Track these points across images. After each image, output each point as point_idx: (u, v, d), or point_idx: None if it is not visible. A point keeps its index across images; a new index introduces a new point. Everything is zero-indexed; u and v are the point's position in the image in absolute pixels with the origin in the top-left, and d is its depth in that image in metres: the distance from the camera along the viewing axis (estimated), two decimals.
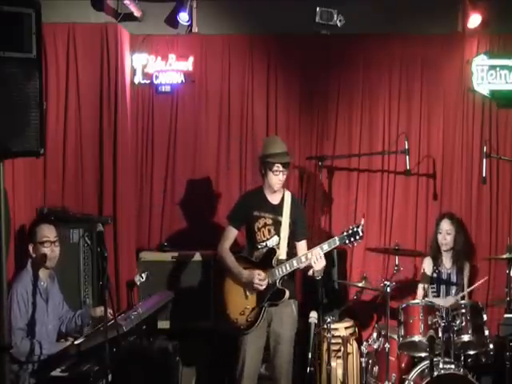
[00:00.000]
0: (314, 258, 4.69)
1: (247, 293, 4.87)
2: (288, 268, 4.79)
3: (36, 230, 4.57)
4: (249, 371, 4.87)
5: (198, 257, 5.84)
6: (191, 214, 6.24)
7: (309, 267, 4.81)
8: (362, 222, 4.73)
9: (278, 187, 4.92)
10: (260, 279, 4.78)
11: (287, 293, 4.82)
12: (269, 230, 4.92)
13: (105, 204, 5.92)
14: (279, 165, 4.84)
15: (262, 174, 4.95)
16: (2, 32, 3.23)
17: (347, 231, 4.72)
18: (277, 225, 4.91)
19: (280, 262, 4.83)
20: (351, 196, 6.28)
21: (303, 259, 4.77)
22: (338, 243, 4.74)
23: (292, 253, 4.92)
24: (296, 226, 4.95)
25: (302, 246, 4.96)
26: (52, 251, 4.57)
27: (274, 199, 4.97)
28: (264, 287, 4.80)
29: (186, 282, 5.80)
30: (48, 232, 4.58)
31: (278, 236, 4.90)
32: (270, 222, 4.91)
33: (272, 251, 4.86)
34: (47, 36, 5.72)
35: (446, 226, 5.74)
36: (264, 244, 4.92)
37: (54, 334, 4.64)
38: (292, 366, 5.01)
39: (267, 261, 4.85)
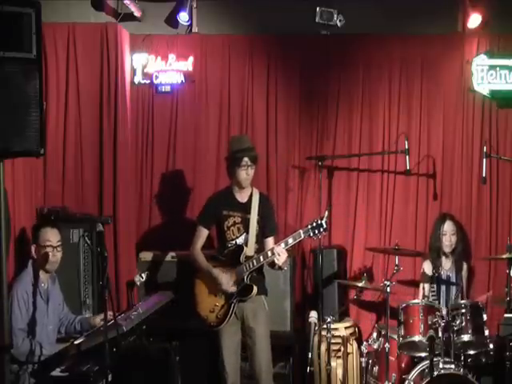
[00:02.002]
0: (276, 254, 4.75)
1: (216, 290, 4.94)
2: (255, 263, 4.85)
3: (40, 233, 4.56)
4: (230, 363, 4.96)
5: None
6: (191, 214, 6.24)
7: (274, 263, 4.85)
8: (326, 214, 4.80)
9: (246, 183, 4.98)
10: (229, 283, 4.88)
11: (255, 288, 4.87)
12: (238, 229, 4.99)
13: (105, 204, 5.92)
14: (247, 159, 4.91)
15: (230, 172, 5.01)
16: (2, 32, 3.24)
17: (311, 224, 4.77)
18: (245, 222, 4.98)
19: (247, 259, 4.89)
20: (351, 196, 6.28)
21: (269, 254, 4.83)
22: (302, 236, 4.80)
23: (261, 249, 4.97)
24: (264, 222, 5.02)
25: (268, 242, 5.02)
26: (53, 256, 4.56)
27: (243, 197, 5.04)
28: (230, 289, 4.88)
29: (186, 281, 5.79)
30: (51, 236, 4.57)
31: (247, 233, 4.97)
32: (238, 220, 4.98)
33: (240, 248, 4.94)
34: (47, 36, 5.72)
35: (450, 227, 5.72)
36: (234, 242, 4.99)
37: (54, 335, 4.64)
38: (271, 361, 5.03)
39: (235, 258, 4.92)
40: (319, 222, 4.75)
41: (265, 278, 5.11)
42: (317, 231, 4.75)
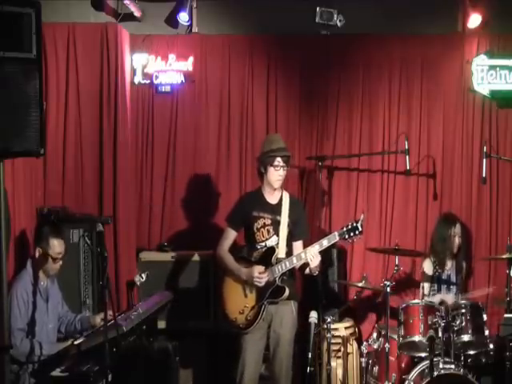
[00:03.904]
0: (310, 256, 4.70)
1: (246, 291, 4.88)
2: (288, 265, 4.80)
3: (50, 242, 4.52)
4: (249, 373, 4.88)
5: (197, 257, 5.84)
6: (191, 214, 6.24)
7: (306, 265, 4.82)
8: (362, 217, 4.75)
9: (278, 184, 4.92)
10: (260, 272, 4.79)
11: (287, 290, 4.82)
12: (268, 230, 4.92)
13: (105, 204, 5.91)
14: (280, 159, 4.85)
15: (262, 172, 4.95)
16: (2, 32, 3.24)
17: (347, 226, 4.74)
18: (276, 225, 4.92)
19: (279, 260, 4.85)
20: (351, 196, 6.28)
21: (302, 256, 4.78)
22: (337, 238, 4.75)
23: (291, 252, 4.92)
24: (295, 226, 4.96)
25: (297, 245, 4.97)
26: (59, 264, 4.59)
27: (273, 199, 4.98)
28: (264, 282, 4.80)
29: (186, 282, 5.80)
30: (61, 248, 4.58)
31: (277, 236, 4.91)
32: (268, 222, 4.92)
33: (271, 250, 4.88)
34: (47, 36, 5.72)
35: (459, 229, 5.70)
36: (263, 244, 4.93)
37: (53, 334, 4.64)
38: (292, 366, 5.01)
39: (266, 259, 4.86)
40: (355, 224, 4.70)
41: (296, 282, 5.07)
42: (352, 234, 4.70)
